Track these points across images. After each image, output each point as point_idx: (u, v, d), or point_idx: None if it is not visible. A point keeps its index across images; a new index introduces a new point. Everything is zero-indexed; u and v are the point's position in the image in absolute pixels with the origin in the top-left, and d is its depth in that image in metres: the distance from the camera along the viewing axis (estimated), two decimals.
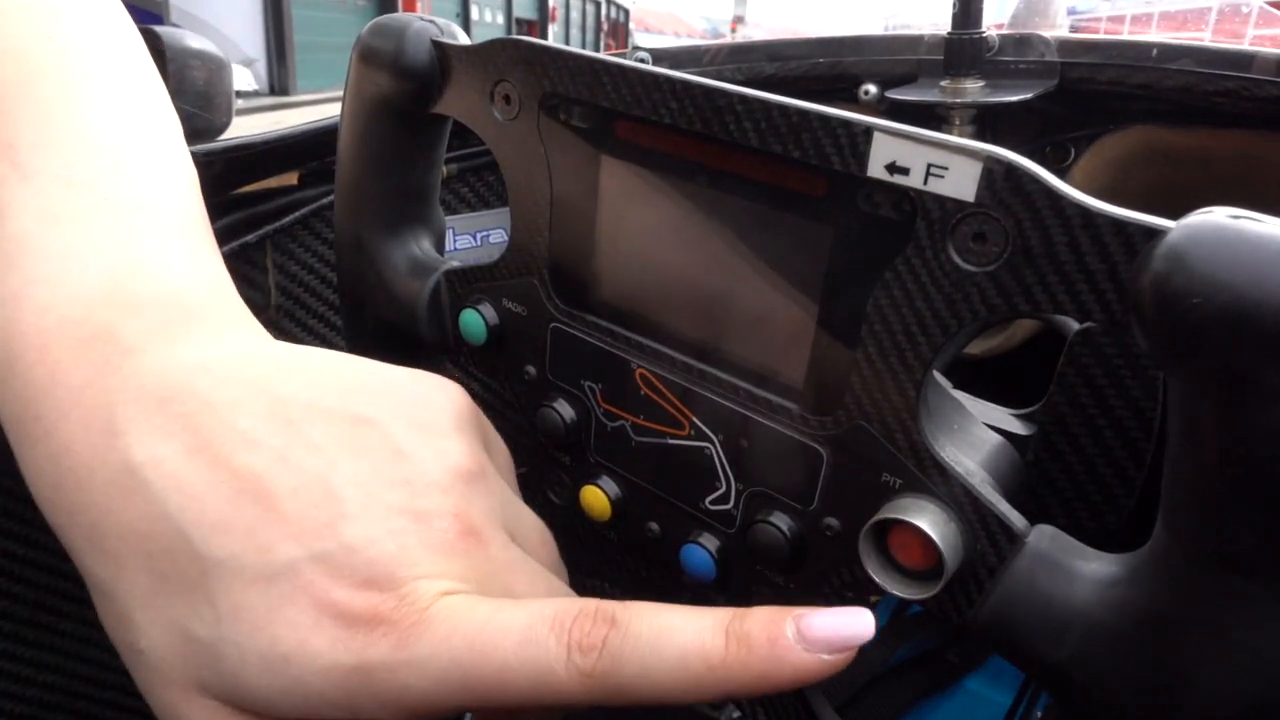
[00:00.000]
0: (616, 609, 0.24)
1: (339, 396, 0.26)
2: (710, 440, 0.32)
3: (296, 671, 0.23)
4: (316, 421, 0.25)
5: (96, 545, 0.24)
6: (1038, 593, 0.25)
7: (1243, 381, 0.19)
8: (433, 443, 0.27)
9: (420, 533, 0.25)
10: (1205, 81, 0.50)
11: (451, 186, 0.68)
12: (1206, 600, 0.22)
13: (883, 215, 0.26)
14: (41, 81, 0.28)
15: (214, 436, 0.24)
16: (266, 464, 0.24)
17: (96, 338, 0.25)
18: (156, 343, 0.26)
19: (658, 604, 0.25)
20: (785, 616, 0.24)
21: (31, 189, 0.27)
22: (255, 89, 8.95)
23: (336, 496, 0.24)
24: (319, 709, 0.24)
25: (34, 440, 0.24)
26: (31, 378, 0.25)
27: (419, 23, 0.37)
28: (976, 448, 0.30)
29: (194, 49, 0.56)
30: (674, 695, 0.23)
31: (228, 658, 0.24)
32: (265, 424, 0.25)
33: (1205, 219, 0.20)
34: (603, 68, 0.31)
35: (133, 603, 0.24)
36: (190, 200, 0.30)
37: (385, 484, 0.25)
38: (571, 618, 0.24)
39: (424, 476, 0.26)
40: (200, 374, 0.25)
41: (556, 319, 0.36)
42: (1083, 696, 0.24)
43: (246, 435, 0.24)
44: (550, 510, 0.40)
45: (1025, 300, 0.24)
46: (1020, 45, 0.57)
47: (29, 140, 0.27)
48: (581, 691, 0.23)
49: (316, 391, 0.26)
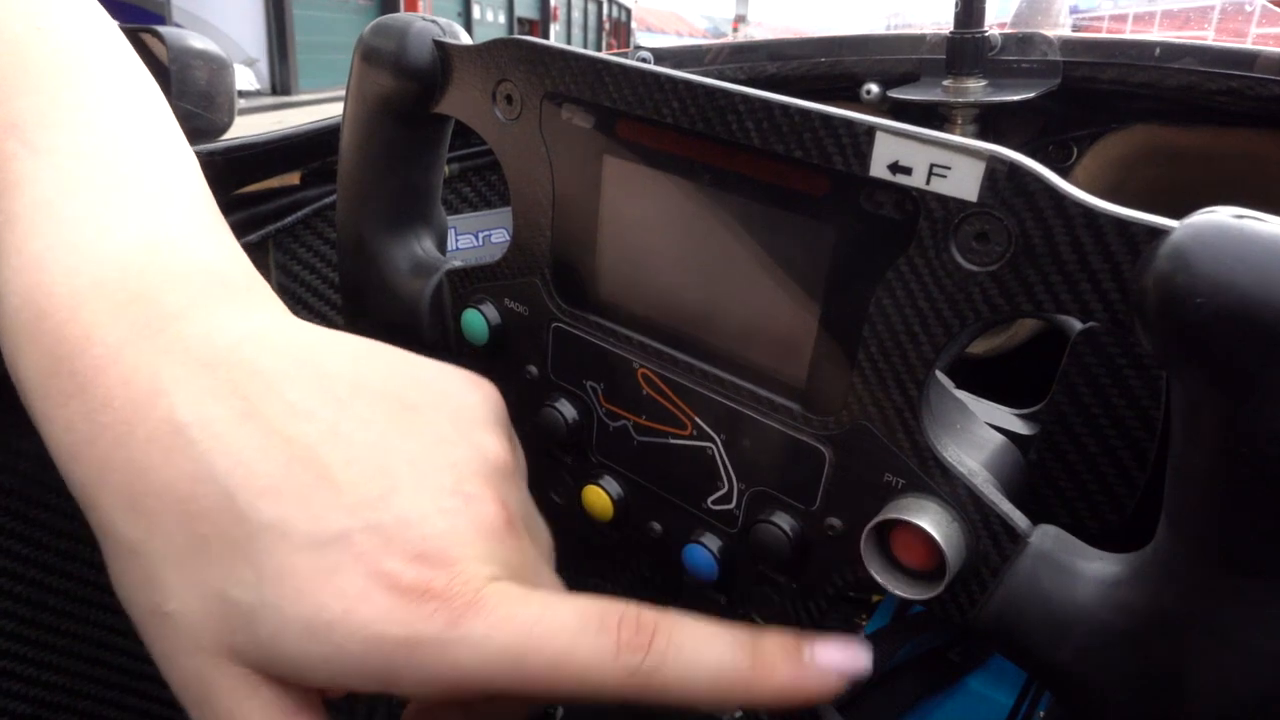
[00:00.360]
0: (656, 616, 0.25)
1: (383, 380, 0.27)
2: (712, 440, 0.32)
3: (339, 639, 0.23)
4: (364, 400, 0.26)
5: (129, 503, 0.24)
6: (1040, 592, 0.25)
7: (1246, 381, 0.19)
8: (472, 435, 0.28)
9: (470, 515, 0.25)
10: (1208, 80, 0.50)
11: (453, 186, 0.68)
12: (1209, 600, 0.22)
13: (885, 215, 0.26)
14: (37, 69, 0.29)
15: (264, 404, 0.25)
16: (319, 435, 0.25)
17: (136, 301, 0.25)
18: (198, 311, 0.26)
19: (685, 614, 0.26)
20: (798, 642, 0.26)
21: (46, 163, 0.27)
22: (257, 89, 8.95)
23: (390, 471, 0.25)
24: (354, 678, 0.24)
25: (65, 396, 0.24)
26: (64, 334, 0.24)
27: (421, 22, 0.37)
28: (979, 447, 0.30)
29: (196, 49, 0.56)
30: (704, 701, 0.25)
31: (266, 622, 0.23)
32: (315, 397, 0.25)
33: (1209, 218, 0.20)
34: (605, 67, 0.31)
35: (164, 563, 0.24)
36: (200, 184, 0.30)
37: (434, 466, 0.26)
38: (618, 618, 0.25)
39: (468, 464, 0.27)
40: (246, 343, 0.26)
41: (558, 318, 0.36)
42: (1085, 696, 0.24)
43: (298, 406, 0.25)
44: (552, 510, 0.40)
45: (1028, 300, 0.24)
46: (1023, 44, 0.57)
47: (33, 121, 0.27)
48: (623, 688, 0.24)
49: (361, 373, 0.27)
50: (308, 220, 0.61)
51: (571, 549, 0.41)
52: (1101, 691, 0.24)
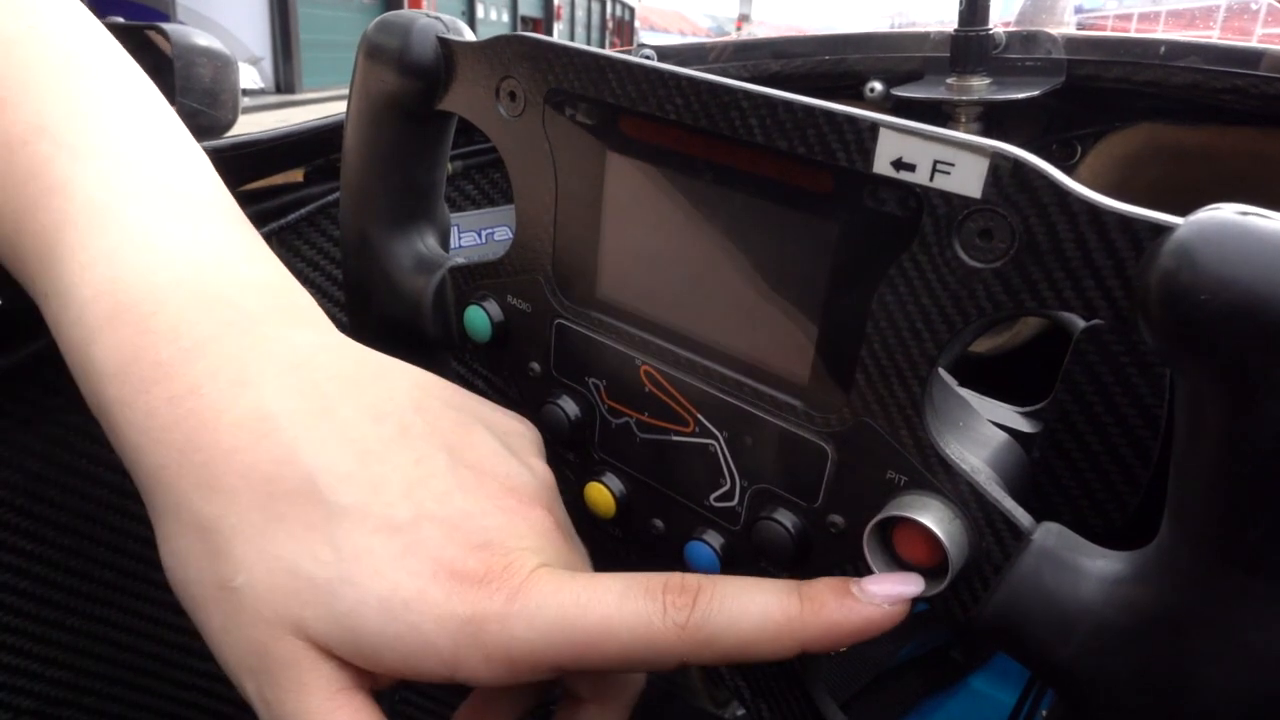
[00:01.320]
0: (700, 578, 0.27)
1: (444, 401, 0.30)
2: (715, 437, 0.32)
3: (414, 618, 0.25)
4: (429, 413, 0.29)
5: (209, 482, 0.26)
6: (1043, 590, 0.25)
7: (1251, 378, 0.19)
8: (523, 456, 0.31)
9: (522, 515, 0.28)
10: (1213, 79, 0.49)
11: (456, 184, 0.68)
12: (1213, 598, 0.22)
13: (888, 212, 0.26)
14: (41, 68, 0.29)
15: (344, 404, 0.27)
16: (391, 435, 0.27)
17: (219, 301, 0.27)
18: (275, 318, 0.28)
19: (731, 576, 0.27)
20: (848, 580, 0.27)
21: (91, 167, 0.28)
22: (261, 87, 8.96)
23: (453, 473, 0.28)
24: (424, 661, 0.25)
25: (148, 383, 0.26)
26: (149, 325, 0.26)
27: (424, 19, 0.37)
28: (982, 445, 0.30)
29: (200, 46, 0.56)
30: (757, 646, 0.26)
31: (345, 598, 0.25)
32: (388, 403, 0.28)
33: (1213, 215, 0.20)
34: (608, 64, 0.31)
35: (237, 537, 0.25)
36: (225, 190, 0.32)
37: (491, 473, 0.29)
38: (662, 583, 0.26)
39: (520, 477, 0.30)
40: (324, 352, 0.28)
41: (561, 315, 0.36)
42: (1088, 694, 0.24)
43: (373, 409, 0.28)
44: None
45: (1031, 297, 0.24)
46: (1027, 42, 0.57)
47: (61, 123, 0.29)
48: (677, 643, 0.25)
49: (425, 391, 0.30)
50: (311, 217, 0.61)
51: None
52: (1105, 689, 0.24)
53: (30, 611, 0.50)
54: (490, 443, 0.30)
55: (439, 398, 0.30)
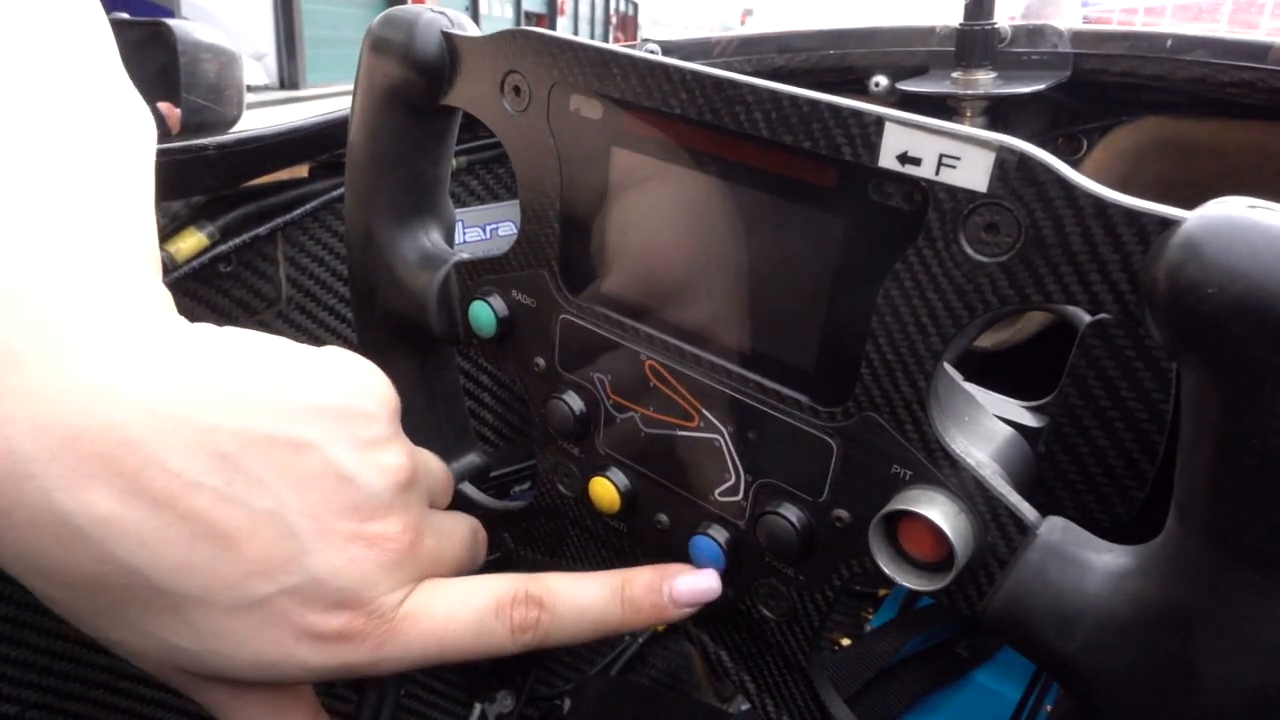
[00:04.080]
0: (541, 592, 0.30)
1: (270, 419, 0.25)
2: (720, 432, 0.32)
3: (285, 672, 0.27)
4: (252, 453, 0.24)
5: (41, 578, 0.24)
6: (1049, 584, 0.25)
7: (1258, 371, 0.19)
8: (373, 458, 0.27)
9: (376, 557, 0.27)
10: (1220, 73, 0.49)
11: (461, 179, 0.68)
12: (1219, 592, 0.21)
13: (894, 206, 0.26)
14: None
15: (146, 479, 0.23)
16: (212, 504, 0.24)
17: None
18: (42, 351, 0.22)
19: (566, 577, 0.32)
20: (661, 581, 0.33)
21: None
22: (265, 83, 8.96)
23: (292, 532, 0.25)
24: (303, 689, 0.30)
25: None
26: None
27: (429, 14, 0.37)
28: (987, 439, 0.30)
29: (205, 42, 0.56)
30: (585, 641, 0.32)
31: (214, 664, 0.26)
32: (198, 460, 0.23)
33: (1220, 209, 0.20)
34: (613, 58, 0.31)
35: (96, 619, 0.25)
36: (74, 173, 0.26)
37: (335, 512, 0.26)
38: (509, 604, 0.30)
39: (371, 499, 0.27)
40: (106, 401, 0.22)
41: (566, 310, 0.36)
42: (1093, 688, 0.24)
43: (182, 477, 0.23)
44: (560, 502, 0.40)
45: (1037, 291, 0.24)
46: (1033, 36, 0.56)
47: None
48: (521, 651, 0.30)
49: (244, 415, 0.24)
50: (316, 213, 0.61)
51: (578, 541, 0.41)
52: (1110, 683, 0.24)
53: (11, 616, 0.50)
54: (331, 464, 0.26)
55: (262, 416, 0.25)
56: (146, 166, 0.30)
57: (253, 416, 0.25)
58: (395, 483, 0.28)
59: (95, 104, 0.29)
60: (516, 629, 0.30)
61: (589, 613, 0.31)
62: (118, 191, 0.27)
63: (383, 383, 0.29)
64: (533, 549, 0.43)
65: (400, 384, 0.45)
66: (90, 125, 0.28)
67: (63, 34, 0.30)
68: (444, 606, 0.29)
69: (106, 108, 0.30)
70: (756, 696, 0.37)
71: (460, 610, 0.29)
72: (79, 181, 0.26)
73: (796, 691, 0.35)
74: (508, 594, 0.30)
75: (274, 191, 0.59)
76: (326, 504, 0.26)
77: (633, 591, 0.32)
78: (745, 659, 0.36)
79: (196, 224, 0.55)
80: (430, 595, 0.29)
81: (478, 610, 0.29)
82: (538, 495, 0.41)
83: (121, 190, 0.27)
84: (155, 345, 0.24)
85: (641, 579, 0.33)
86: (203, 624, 0.25)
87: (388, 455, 0.28)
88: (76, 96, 0.28)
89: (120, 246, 0.26)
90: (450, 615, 0.29)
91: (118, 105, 0.30)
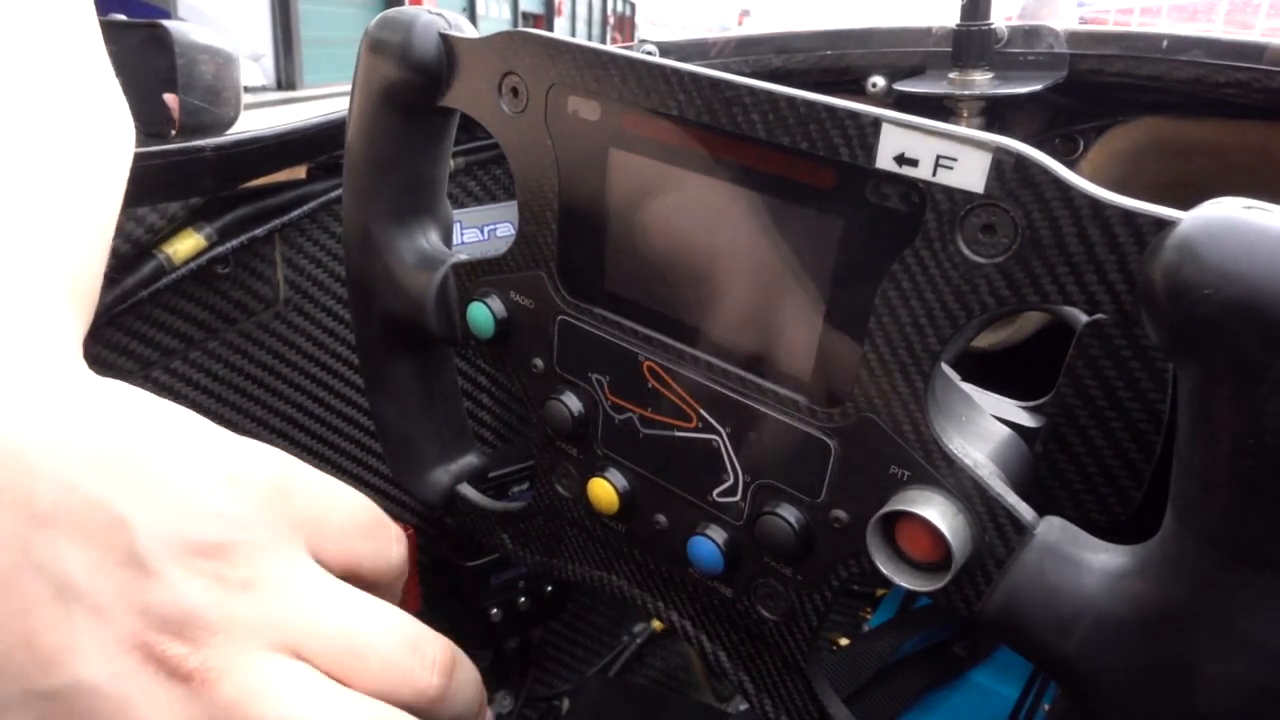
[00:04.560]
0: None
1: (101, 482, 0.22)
2: (718, 432, 0.33)
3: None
4: (65, 510, 0.22)
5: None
6: (1046, 584, 0.25)
7: (1254, 372, 0.19)
8: (187, 560, 0.23)
9: (144, 679, 0.22)
10: (1215, 73, 0.49)
11: (459, 180, 0.68)
12: (1215, 592, 0.22)
13: (891, 207, 0.26)
14: None
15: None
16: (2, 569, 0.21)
17: None
18: None
19: None
20: None
21: None
22: (262, 84, 8.95)
23: (69, 618, 0.21)
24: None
25: None
26: None
27: (427, 16, 0.37)
28: (985, 440, 0.30)
29: (202, 44, 0.56)
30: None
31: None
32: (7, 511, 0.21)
33: (1217, 210, 0.20)
34: (610, 60, 0.31)
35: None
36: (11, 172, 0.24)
37: (123, 606, 0.22)
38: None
39: (161, 605, 0.22)
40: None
41: (564, 312, 0.36)
42: (1091, 688, 0.24)
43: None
44: (558, 503, 0.40)
45: (1034, 292, 0.24)
46: (1029, 37, 0.57)
47: None
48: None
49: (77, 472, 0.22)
50: (314, 214, 0.61)
51: (577, 542, 0.41)
52: (1108, 683, 0.24)
53: None
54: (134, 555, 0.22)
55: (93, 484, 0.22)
56: (104, 178, 0.29)
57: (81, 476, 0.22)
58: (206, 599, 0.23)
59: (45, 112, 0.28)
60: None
61: None
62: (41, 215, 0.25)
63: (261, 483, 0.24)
64: (531, 550, 0.43)
65: (398, 385, 0.45)
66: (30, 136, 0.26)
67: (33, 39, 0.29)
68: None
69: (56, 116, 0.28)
70: (755, 696, 0.37)
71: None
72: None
73: (795, 691, 0.35)
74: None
75: (272, 193, 0.59)
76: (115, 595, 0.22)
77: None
78: (743, 659, 0.36)
79: (194, 225, 0.55)
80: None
81: None
82: (536, 496, 0.41)
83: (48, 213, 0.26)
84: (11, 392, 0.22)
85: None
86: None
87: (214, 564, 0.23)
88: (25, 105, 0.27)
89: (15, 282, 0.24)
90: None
91: (77, 111, 0.29)
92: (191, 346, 0.60)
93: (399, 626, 0.26)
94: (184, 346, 0.60)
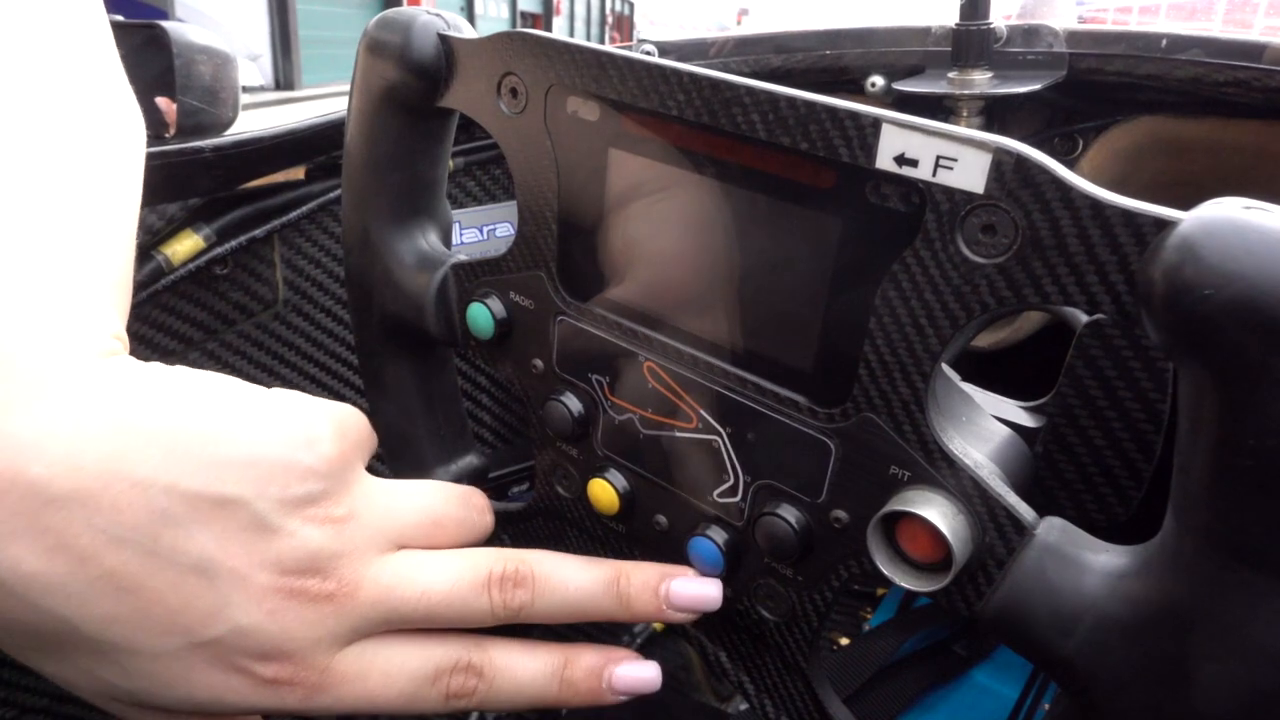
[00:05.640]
0: (483, 661, 0.30)
1: (200, 475, 0.25)
2: (718, 433, 0.32)
3: (218, 709, 0.27)
4: (179, 508, 0.25)
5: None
6: (1047, 584, 0.25)
7: (1254, 372, 0.19)
8: (305, 512, 0.27)
9: (296, 610, 0.27)
10: (1215, 72, 0.49)
11: (458, 180, 0.68)
12: (1216, 592, 0.22)
13: (891, 207, 0.26)
14: None
15: (70, 537, 0.23)
16: (139, 561, 0.24)
17: None
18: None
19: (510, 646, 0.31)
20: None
21: None
22: (261, 84, 8.95)
23: (216, 585, 0.25)
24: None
25: None
26: None
27: (425, 16, 0.37)
28: (985, 440, 0.30)
29: (200, 44, 0.56)
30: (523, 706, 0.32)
31: (146, 699, 0.26)
32: (124, 517, 0.24)
33: (1217, 210, 0.20)
34: (610, 60, 0.31)
35: (31, 656, 0.26)
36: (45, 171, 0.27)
37: (257, 565, 0.26)
38: (447, 673, 0.30)
39: (292, 552, 0.27)
40: (32, 457, 0.22)
41: (564, 312, 0.36)
42: (1091, 688, 0.24)
43: (107, 533, 0.24)
44: (558, 503, 0.40)
45: (1034, 292, 0.24)
46: (1028, 36, 0.57)
47: None
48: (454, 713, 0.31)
49: (173, 471, 0.25)
50: (313, 215, 0.61)
51: (578, 543, 0.41)
52: (1108, 684, 0.24)
53: None
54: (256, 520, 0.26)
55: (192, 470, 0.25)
56: (127, 175, 0.30)
57: (182, 472, 0.25)
58: (325, 537, 0.27)
59: (69, 111, 0.29)
60: (451, 695, 0.30)
61: (525, 689, 0.31)
62: (77, 210, 0.27)
63: (327, 433, 0.28)
64: None
65: (398, 386, 0.45)
66: (58, 135, 0.28)
67: (49, 39, 0.30)
68: (380, 669, 0.29)
69: (84, 115, 0.29)
70: (755, 697, 0.37)
71: (397, 675, 0.29)
72: (27, 203, 0.26)
73: (795, 692, 0.35)
74: (448, 663, 0.30)
75: (270, 194, 0.59)
76: (248, 556, 0.26)
77: (571, 673, 0.32)
78: (744, 659, 0.36)
79: (193, 226, 0.55)
80: (368, 655, 0.29)
81: (414, 678, 0.29)
82: (536, 496, 0.41)
83: (83, 207, 0.28)
84: (88, 394, 0.24)
85: (583, 659, 0.32)
86: (131, 667, 0.25)
87: (322, 509, 0.27)
88: (49, 104, 0.28)
89: (65, 277, 0.26)
90: (386, 679, 0.29)
91: (100, 111, 0.30)
92: (190, 347, 0.60)
93: (444, 492, 0.33)
94: (183, 347, 0.60)
